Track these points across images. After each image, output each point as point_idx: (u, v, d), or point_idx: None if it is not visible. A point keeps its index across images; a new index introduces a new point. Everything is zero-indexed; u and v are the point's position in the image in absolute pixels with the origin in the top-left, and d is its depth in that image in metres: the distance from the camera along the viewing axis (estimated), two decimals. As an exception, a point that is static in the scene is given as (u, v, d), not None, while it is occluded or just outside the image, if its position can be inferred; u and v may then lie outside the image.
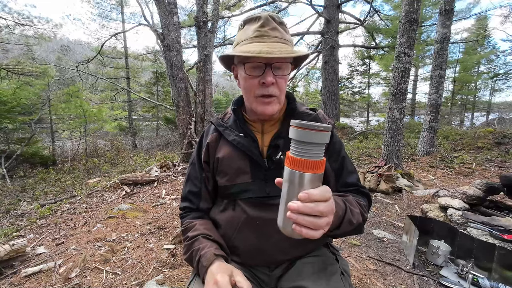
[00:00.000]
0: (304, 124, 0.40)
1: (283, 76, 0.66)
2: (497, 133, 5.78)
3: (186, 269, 1.69)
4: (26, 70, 7.26)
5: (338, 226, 0.56)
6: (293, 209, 0.40)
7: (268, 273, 0.75)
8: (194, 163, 0.81)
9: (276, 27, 0.65)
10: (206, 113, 4.66)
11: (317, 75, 17.60)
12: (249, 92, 0.68)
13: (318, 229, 0.41)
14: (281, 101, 0.70)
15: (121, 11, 12.56)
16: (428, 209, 2.55)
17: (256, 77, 0.65)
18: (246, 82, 0.67)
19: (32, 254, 1.93)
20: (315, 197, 0.40)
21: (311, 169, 0.40)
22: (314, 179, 0.41)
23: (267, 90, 0.65)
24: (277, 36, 0.65)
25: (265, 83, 0.64)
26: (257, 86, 0.66)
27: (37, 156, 6.80)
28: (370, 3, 9.14)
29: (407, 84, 3.87)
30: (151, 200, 3.16)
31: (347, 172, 0.76)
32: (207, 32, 4.51)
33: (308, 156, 0.40)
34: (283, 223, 0.44)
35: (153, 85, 13.35)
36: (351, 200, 0.64)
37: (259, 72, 0.64)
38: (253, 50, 0.60)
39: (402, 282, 1.59)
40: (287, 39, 0.67)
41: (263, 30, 0.64)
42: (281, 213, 0.44)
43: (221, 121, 0.78)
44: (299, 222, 0.40)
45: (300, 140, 0.40)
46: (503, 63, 15.12)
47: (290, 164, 0.42)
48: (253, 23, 0.66)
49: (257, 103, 0.68)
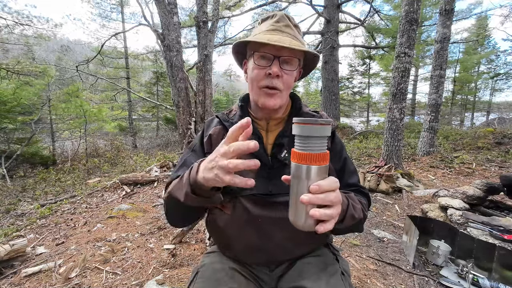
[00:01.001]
0: (305, 120, 0.42)
1: (289, 71, 0.67)
2: (497, 133, 5.78)
3: (186, 269, 1.69)
4: (26, 70, 7.25)
5: (342, 220, 0.57)
6: (305, 202, 0.41)
7: (268, 273, 0.75)
8: (195, 151, 0.78)
9: (289, 25, 0.69)
10: (206, 113, 4.66)
11: (317, 75, 17.58)
12: (254, 82, 0.69)
13: (331, 219, 0.43)
14: (284, 96, 0.70)
15: (121, 11, 12.56)
16: (428, 209, 2.55)
17: (263, 67, 0.66)
18: (253, 72, 0.68)
19: (32, 254, 1.93)
20: (325, 187, 0.42)
21: (317, 161, 0.42)
22: (320, 171, 0.43)
23: (272, 82, 0.66)
24: (289, 32, 0.68)
25: (271, 74, 0.65)
26: (262, 76, 0.67)
27: (37, 156, 6.79)
28: (370, 3, 9.13)
29: (407, 84, 3.87)
30: (151, 200, 3.16)
31: (349, 172, 0.77)
32: (207, 32, 4.51)
33: (312, 149, 0.42)
34: (294, 217, 0.45)
35: (153, 85, 13.34)
36: (353, 196, 0.65)
37: (267, 63, 0.66)
38: (265, 38, 0.63)
39: (402, 282, 1.59)
40: (299, 39, 0.70)
41: (277, 25, 0.68)
42: (292, 207, 0.46)
43: (227, 117, 0.78)
44: (313, 214, 0.41)
45: (303, 135, 0.43)
46: (503, 63, 15.14)
47: (296, 159, 0.44)
48: (269, 20, 0.71)
49: (260, 94, 0.69)
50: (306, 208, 0.43)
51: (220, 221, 0.73)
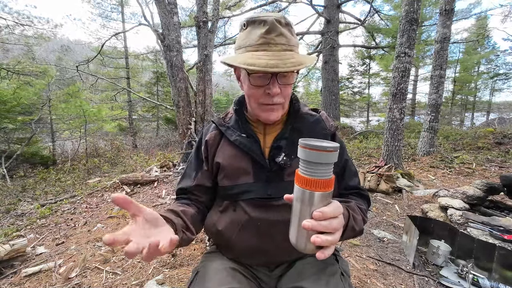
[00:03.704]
0: (312, 145, 0.40)
1: (289, 85, 0.66)
2: (497, 133, 5.78)
3: (186, 269, 1.69)
4: (26, 70, 7.25)
5: (342, 234, 0.56)
6: (307, 228, 0.41)
7: (268, 273, 0.75)
8: (191, 162, 0.81)
9: (282, 33, 0.61)
10: (206, 113, 4.66)
11: (317, 75, 17.59)
12: (253, 100, 0.68)
13: (332, 245, 0.43)
14: (285, 106, 0.70)
15: (122, 11, 12.54)
16: (428, 209, 2.55)
17: (261, 87, 0.64)
18: (250, 91, 0.66)
19: (32, 254, 1.93)
20: (329, 214, 0.42)
21: (322, 188, 0.41)
22: (324, 197, 0.42)
23: (272, 100, 0.64)
24: (283, 43, 0.61)
25: (270, 93, 0.63)
26: (261, 95, 0.65)
27: (37, 156, 6.79)
28: (370, 3, 9.13)
29: (407, 84, 3.87)
30: (151, 200, 3.16)
31: (350, 174, 0.76)
32: (207, 32, 4.51)
33: (317, 175, 0.41)
34: (296, 240, 0.45)
35: (154, 85, 13.33)
36: (354, 207, 0.64)
37: (265, 82, 0.63)
38: (259, 64, 0.57)
39: (402, 282, 1.59)
40: (294, 44, 0.64)
41: (269, 37, 0.60)
42: (294, 229, 0.45)
43: (222, 121, 0.78)
44: (314, 240, 0.41)
45: (309, 160, 0.41)
46: (503, 63, 15.14)
47: (301, 183, 0.43)
48: (258, 27, 0.61)
49: (261, 110, 0.68)
50: (307, 233, 0.42)
51: (220, 225, 0.73)
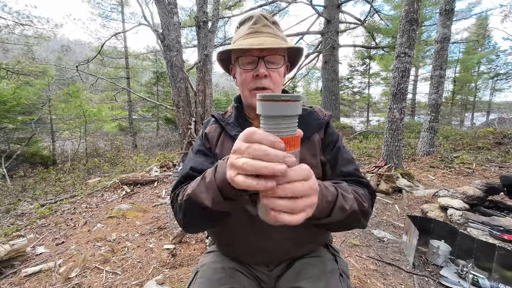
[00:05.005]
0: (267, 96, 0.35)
1: (276, 69, 0.69)
2: (497, 133, 5.78)
3: (186, 269, 1.69)
4: (26, 70, 7.26)
5: (329, 213, 0.51)
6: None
7: (267, 273, 0.75)
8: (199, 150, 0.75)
9: (268, 24, 0.70)
10: (206, 113, 4.66)
11: (317, 75, 17.64)
12: (244, 86, 0.71)
13: (296, 212, 0.35)
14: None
15: (122, 11, 12.55)
16: (428, 209, 2.55)
17: (250, 70, 0.68)
18: (241, 77, 0.70)
19: (32, 254, 1.93)
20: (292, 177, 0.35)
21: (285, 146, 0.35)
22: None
23: (261, 83, 0.67)
24: (269, 32, 0.69)
25: (258, 75, 0.67)
26: (251, 79, 0.68)
27: (37, 156, 6.80)
28: (370, 3, 9.13)
29: (407, 84, 3.87)
30: (151, 200, 3.16)
31: (343, 161, 0.71)
32: (207, 32, 4.51)
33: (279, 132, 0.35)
34: (260, 210, 0.38)
35: (154, 85, 13.32)
36: (344, 186, 0.58)
37: (253, 66, 0.68)
38: (245, 43, 0.65)
39: (402, 282, 1.59)
40: (280, 35, 0.70)
41: (256, 27, 0.69)
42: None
43: (222, 117, 0.79)
44: (272, 207, 0.35)
45: (268, 114, 0.35)
46: (503, 63, 15.14)
47: None
48: (247, 23, 0.71)
49: (251, 96, 0.70)
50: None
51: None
